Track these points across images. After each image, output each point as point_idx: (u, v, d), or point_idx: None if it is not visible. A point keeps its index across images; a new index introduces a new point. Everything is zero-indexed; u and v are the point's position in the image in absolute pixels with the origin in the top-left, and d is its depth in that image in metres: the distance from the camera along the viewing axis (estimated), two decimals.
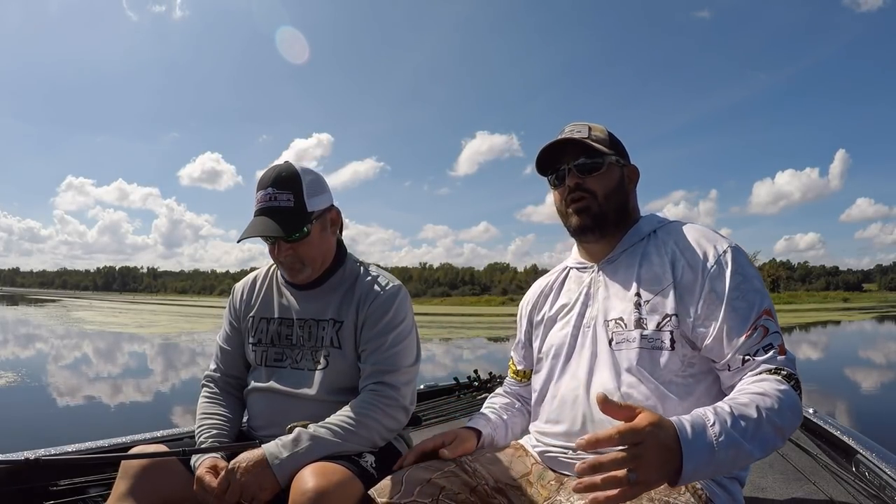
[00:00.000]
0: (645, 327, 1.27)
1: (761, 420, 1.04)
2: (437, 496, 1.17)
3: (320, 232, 1.64)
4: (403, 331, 1.63)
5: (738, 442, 0.99)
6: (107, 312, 43.54)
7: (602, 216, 1.38)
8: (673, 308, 1.26)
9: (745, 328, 1.20)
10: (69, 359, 15.01)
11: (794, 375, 1.16)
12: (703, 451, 0.95)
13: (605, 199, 1.38)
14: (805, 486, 2.33)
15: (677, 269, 1.29)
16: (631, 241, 1.40)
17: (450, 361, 14.97)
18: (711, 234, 1.33)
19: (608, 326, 1.32)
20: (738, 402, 1.07)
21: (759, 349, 1.18)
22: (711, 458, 0.96)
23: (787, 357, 1.18)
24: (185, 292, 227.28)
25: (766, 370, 1.16)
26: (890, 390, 11.26)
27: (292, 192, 1.58)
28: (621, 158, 1.42)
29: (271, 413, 1.64)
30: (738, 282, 1.23)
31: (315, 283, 1.70)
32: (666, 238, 1.36)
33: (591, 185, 1.38)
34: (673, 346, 1.24)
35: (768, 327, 1.20)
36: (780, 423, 1.06)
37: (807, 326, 31.45)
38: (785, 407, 1.08)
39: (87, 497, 1.86)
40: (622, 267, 1.38)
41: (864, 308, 60.97)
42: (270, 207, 1.57)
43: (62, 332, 23.47)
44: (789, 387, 1.13)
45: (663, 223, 1.42)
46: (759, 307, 1.21)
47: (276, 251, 1.62)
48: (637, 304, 1.30)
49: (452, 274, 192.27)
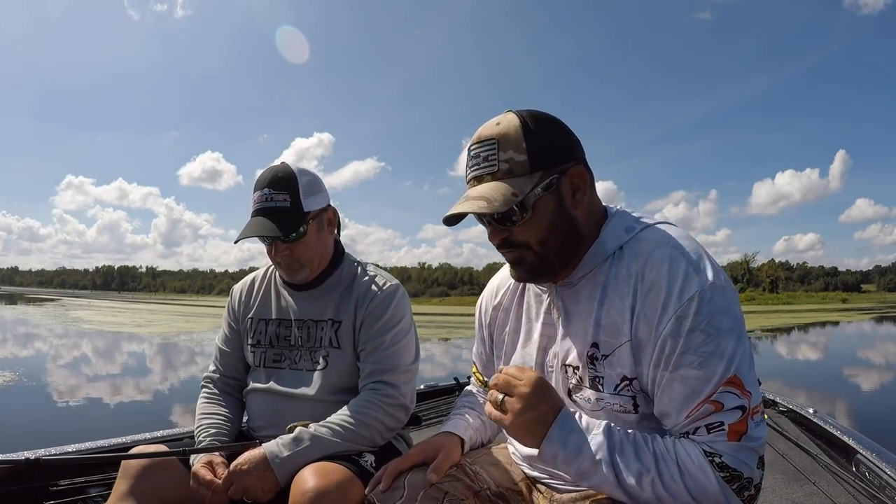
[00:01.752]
0: (600, 389, 1.08)
1: (646, 476, 0.97)
2: (441, 501, 1.14)
3: (317, 232, 1.64)
4: (402, 329, 1.63)
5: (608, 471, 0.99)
6: (105, 312, 43.51)
7: (542, 265, 1.12)
8: (631, 371, 1.05)
9: (693, 403, 0.98)
10: (68, 358, 14.99)
11: (730, 468, 0.96)
12: (569, 450, 1.01)
13: (541, 247, 1.10)
14: (805, 486, 2.34)
15: (634, 320, 1.04)
16: (592, 262, 1.12)
17: (449, 361, 14.99)
18: (684, 266, 1.02)
19: (566, 372, 1.14)
20: (644, 443, 1.00)
21: (702, 427, 0.98)
22: (574, 460, 1.01)
23: (741, 444, 0.97)
24: (183, 292, 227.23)
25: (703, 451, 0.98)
26: (889, 390, 11.27)
27: (288, 193, 1.58)
28: (553, 172, 1.07)
29: (271, 414, 1.64)
30: (697, 342, 0.98)
31: (313, 283, 1.70)
32: (631, 267, 1.07)
33: (519, 237, 1.10)
34: (636, 410, 1.07)
35: (723, 402, 0.97)
36: (668, 496, 0.97)
37: (806, 327, 31.47)
38: (688, 488, 0.96)
39: (87, 497, 1.86)
40: (582, 297, 1.13)
41: (862, 309, 61.01)
42: (267, 208, 1.58)
43: (61, 332, 23.45)
44: (714, 476, 0.95)
45: (633, 232, 1.12)
46: (720, 377, 0.97)
47: (273, 251, 1.62)
48: (592, 357, 1.09)
49: (451, 274, 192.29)
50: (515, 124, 1.07)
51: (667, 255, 1.05)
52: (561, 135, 1.11)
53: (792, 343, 22.20)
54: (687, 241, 1.07)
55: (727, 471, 0.96)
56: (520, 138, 1.06)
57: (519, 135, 1.06)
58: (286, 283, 1.74)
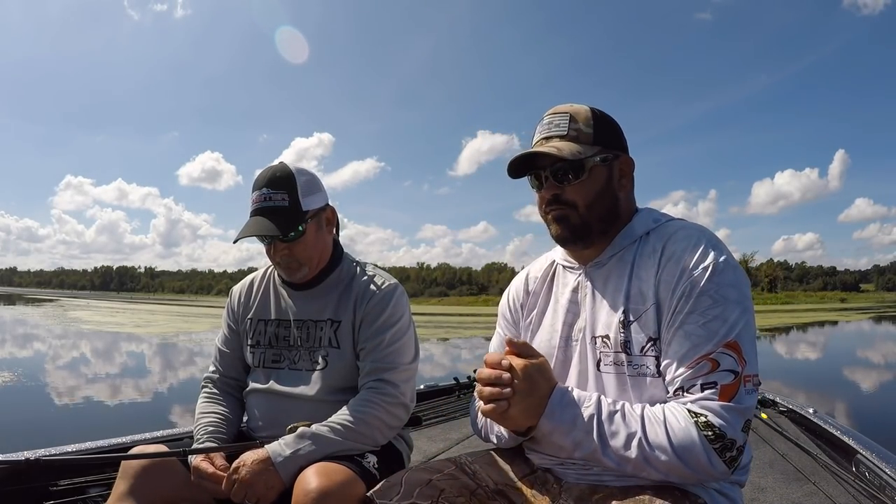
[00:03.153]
0: (630, 351, 1.16)
1: (633, 439, 1.05)
2: (436, 498, 1.16)
3: (316, 231, 1.65)
4: (401, 328, 1.64)
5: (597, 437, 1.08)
6: (104, 312, 43.48)
7: (584, 227, 1.24)
8: (655, 331, 1.14)
9: (693, 358, 1.06)
10: (67, 359, 14.98)
11: (714, 427, 1.01)
12: (564, 423, 1.10)
13: (586, 209, 1.23)
14: (805, 486, 2.34)
15: (659, 286, 1.15)
16: (622, 243, 1.26)
17: (448, 361, 14.98)
18: (704, 243, 1.15)
19: (595, 344, 1.22)
20: (631, 409, 1.09)
21: (697, 384, 1.05)
22: (570, 431, 1.10)
23: (731, 403, 1.03)
24: (182, 292, 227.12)
25: (689, 411, 1.04)
26: (889, 390, 11.28)
27: (287, 192, 1.59)
28: (609, 152, 1.25)
29: (270, 414, 1.64)
30: (705, 305, 1.08)
31: (312, 282, 1.70)
32: (657, 245, 1.21)
33: (570, 196, 1.23)
34: (658, 373, 1.13)
35: (720, 362, 1.04)
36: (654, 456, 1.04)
37: (804, 327, 31.50)
38: (672, 447, 1.02)
39: (87, 497, 1.86)
40: (611, 274, 1.25)
41: (861, 308, 61.09)
42: (266, 207, 1.58)
43: (59, 332, 23.42)
44: (698, 435, 1.01)
45: (659, 222, 1.27)
46: (721, 338, 1.05)
47: (273, 251, 1.62)
48: (624, 322, 1.18)
49: (450, 274, 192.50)
50: (586, 108, 1.26)
51: (688, 234, 1.19)
52: (618, 129, 1.29)
53: (791, 343, 22.21)
54: (708, 231, 1.21)
55: (711, 430, 1.02)
56: (589, 117, 1.25)
57: (588, 115, 1.25)
58: (285, 283, 1.74)
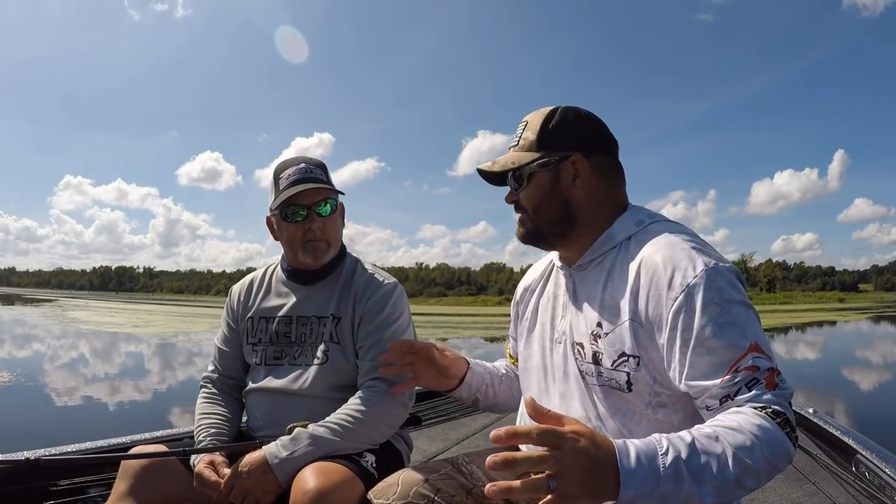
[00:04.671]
0: (601, 363, 1.15)
1: (725, 459, 0.90)
2: (433, 497, 1.16)
3: (341, 215, 1.72)
4: (400, 327, 1.64)
5: (690, 479, 0.88)
6: (103, 312, 43.46)
7: (535, 232, 1.29)
8: (630, 348, 1.11)
9: (723, 372, 1.01)
10: (65, 359, 14.97)
11: (782, 413, 0.98)
12: (647, 482, 0.86)
13: (535, 215, 1.27)
14: (805, 486, 2.34)
15: (638, 301, 1.11)
16: (602, 248, 1.23)
17: None
18: (686, 251, 1.09)
19: (574, 350, 1.23)
20: (702, 433, 0.94)
21: (742, 387, 1.00)
22: (655, 489, 0.86)
23: (778, 391, 1.00)
24: (181, 292, 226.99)
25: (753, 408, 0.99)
26: (888, 390, 11.30)
27: (323, 171, 1.67)
28: (555, 155, 1.23)
29: (270, 412, 1.63)
30: (713, 315, 1.03)
31: (319, 275, 1.70)
32: (635, 252, 1.16)
33: (523, 202, 1.28)
34: (629, 388, 1.12)
35: (751, 363, 1.00)
36: (752, 464, 0.92)
37: (803, 327, 31.55)
38: (762, 445, 0.93)
39: (87, 497, 1.86)
40: (589, 280, 1.24)
41: (859, 308, 61.19)
42: (308, 177, 1.63)
43: (58, 332, 23.41)
44: (773, 424, 0.96)
45: (641, 226, 1.22)
46: (743, 345, 1.01)
47: (307, 226, 1.63)
48: (595, 334, 1.17)
49: (449, 274, 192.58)
50: (545, 112, 1.27)
51: (670, 239, 1.13)
52: (579, 128, 1.26)
53: (790, 343, 22.24)
54: (690, 233, 1.17)
55: (779, 416, 0.97)
56: (538, 123, 1.26)
57: (540, 120, 1.26)
58: (290, 278, 1.74)
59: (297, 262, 1.69)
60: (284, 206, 1.62)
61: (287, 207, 1.62)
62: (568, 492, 0.81)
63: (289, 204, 1.61)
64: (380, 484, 1.25)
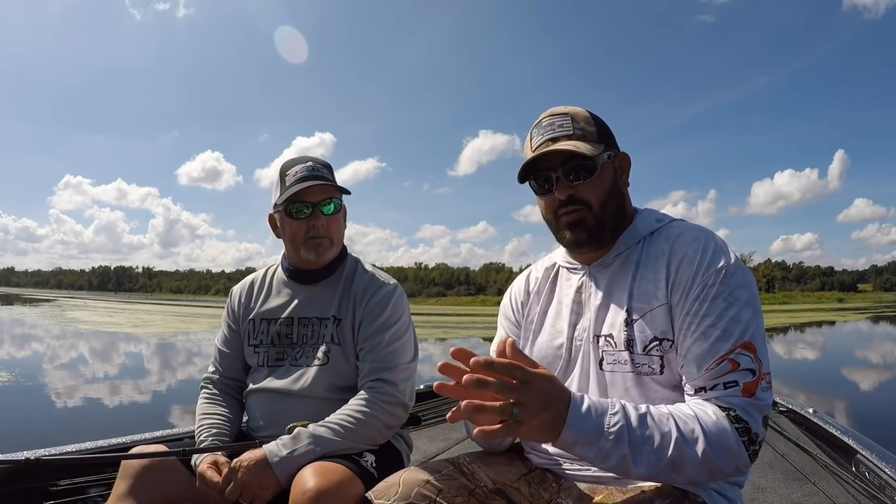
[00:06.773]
0: (634, 349, 1.17)
1: (668, 440, 0.99)
2: (434, 498, 1.16)
3: (343, 216, 1.72)
4: (400, 328, 1.64)
5: (629, 444, 0.98)
6: (102, 312, 43.38)
7: (598, 227, 1.24)
8: (662, 331, 1.15)
9: (712, 359, 1.07)
10: (64, 359, 14.95)
11: (743, 420, 1.03)
12: (589, 432, 0.97)
13: (601, 208, 1.23)
14: (805, 486, 2.34)
15: (670, 287, 1.16)
16: (626, 243, 1.26)
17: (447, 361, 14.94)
18: (712, 246, 1.17)
19: (598, 343, 1.23)
20: (658, 410, 1.02)
21: (720, 384, 1.06)
22: (595, 441, 0.98)
23: (752, 399, 1.05)
24: (180, 292, 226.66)
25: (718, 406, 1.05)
26: (888, 390, 11.29)
27: (329, 172, 1.68)
28: (612, 149, 1.26)
29: (271, 413, 1.63)
30: (720, 308, 1.10)
31: (320, 274, 1.70)
32: (663, 246, 1.21)
33: (585, 195, 1.22)
34: (662, 371, 1.15)
35: (739, 362, 1.06)
36: (691, 454, 0.99)
37: (802, 327, 31.53)
38: (708, 441, 1.00)
39: (87, 497, 1.86)
40: (615, 274, 1.26)
41: (858, 308, 61.17)
42: (315, 175, 1.63)
43: (57, 332, 23.37)
44: (731, 427, 1.02)
45: (662, 222, 1.27)
46: (737, 339, 1.07)
47: (310, 223, 1.64)
48: (627, 321, 1.19)
49: (448, 274, 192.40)
50: (582, 109, 1.27)
51: (697, 235, 1.19)
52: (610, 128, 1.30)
53: (789, 343, 22.20)
54: (713, 233, 1.22)
55: (741, 423, 1.03)
56: (588, 117, 1.26)
57: (587, 115, 1.26)
58: (291, 279, 1.75)
59: (298, 259, 1.69)
60: (290, 202, 1.62)
61: (292, 204, 1.63)
62: (524, 420, 0.93)
63: (294, 200, 1.62)
64: (380, 484, 1.25)
